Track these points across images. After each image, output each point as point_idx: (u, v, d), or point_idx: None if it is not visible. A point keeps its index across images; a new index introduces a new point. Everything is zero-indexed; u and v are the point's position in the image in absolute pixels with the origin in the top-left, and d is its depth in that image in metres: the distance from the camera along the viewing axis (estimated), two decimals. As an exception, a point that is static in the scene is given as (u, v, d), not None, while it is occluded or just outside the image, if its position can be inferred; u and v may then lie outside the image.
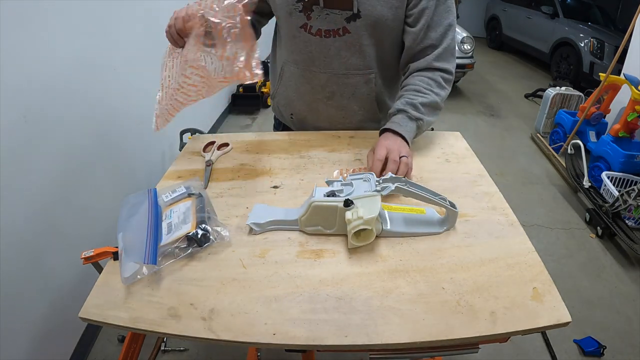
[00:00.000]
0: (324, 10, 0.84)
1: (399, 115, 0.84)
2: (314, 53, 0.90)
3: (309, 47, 0.89)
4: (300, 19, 0.86)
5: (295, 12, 0.86)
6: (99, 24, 1.45)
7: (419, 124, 0.84)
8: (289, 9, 0.86)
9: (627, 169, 2.26)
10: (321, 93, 0.95)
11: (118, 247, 0.61)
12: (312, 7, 0.84)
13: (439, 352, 0.56)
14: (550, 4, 5.05)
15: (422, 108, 0.84)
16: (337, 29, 0.86)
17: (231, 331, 0.50)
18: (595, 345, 1.43)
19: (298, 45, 0.90)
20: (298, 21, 0.87)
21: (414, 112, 0.83)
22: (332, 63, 0.90)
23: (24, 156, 1.09)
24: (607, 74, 2.46)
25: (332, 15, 0.85)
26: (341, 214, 0.62)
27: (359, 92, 0.94)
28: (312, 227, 0.66)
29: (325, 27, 0.86)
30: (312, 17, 0.86)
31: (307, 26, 0.87)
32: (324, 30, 0.87)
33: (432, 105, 0.86)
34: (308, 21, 0.86)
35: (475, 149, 0.93)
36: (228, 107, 3.41)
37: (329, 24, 0.86)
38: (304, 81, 0.94)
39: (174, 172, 0.85)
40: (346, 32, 0.86)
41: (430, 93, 0.85)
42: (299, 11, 0.85)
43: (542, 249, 1.98)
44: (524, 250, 0.62)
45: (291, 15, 0.86)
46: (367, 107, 0.98)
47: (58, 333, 1.26)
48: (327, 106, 0.97)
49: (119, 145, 1.62)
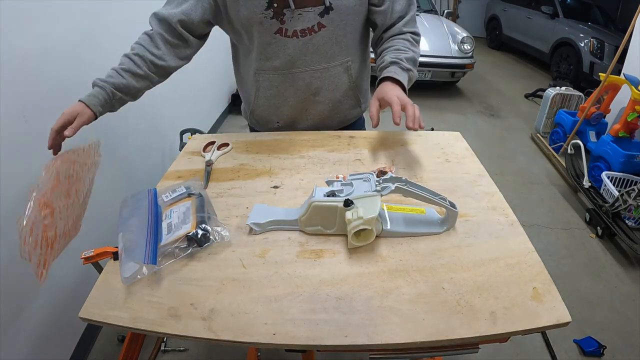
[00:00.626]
0: (296, 11, 0.85)
1: (392, 66, 0.88)
2: (293, 55, 0.90)
3: (287, 50, 0.89)
4: (273, 25, 0.86)
5: (267, 20, 0.85)
6: (99, 24, 1.45)
7: (410, 75, 0.90)
8: (258, 19, 0.85)
9: (627, 169, 2.26)
10: (307, 92, 0.95)
11: (118, 247, 0.61)
12: (283, 10, 0.84)
13: (439, 352, 0.56)
14: (550, 4, 5.05)
15: (407, 62, 0.90)
16: (312, 26, 0.87)
17: (231, 331, 0.50)
18: (595, 345, 1.43)
19: (275, 51, 0.90)
20: (272, 27, 0.86)
21: (404, 64, 0.88)
22: (313, 60, 0.91)
23: (24, 156, 1.09)
24: (607, 74, 2.45)
25: (305, 14, 0.86)
26: (341, 214, 0.62)
27: (340, 81, 0.96)
28: (312, 227, 0.65)
29: (301, 26, 0.87)
30: (286, 20, 0.86)
31: (282, 30, 0.87)
32: (300, 30, 0.87)
33: (413, 60, 0.91)
34: (282, 25, 0.86)
35: (475, 149, 0.93)
36: (228, 107, 3.41)
37: (304, 23, 0.87)
38: (287, 85, 0.94)
39: (174, 172, 0.85)
40: (322, 27, 0.88)
41: (408, 50, 0.92)
42: (271, 18, 0.85)
43: (542, 249, 1.97)
44: (524, 250, 0.62)
45: (262, 24, 0.86)
46: (349, 93, 1.00)
47: (58, 333, 1.26)
48: (315, 103, 0.98)
49: (119, 145, 1.62)
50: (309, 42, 0.89)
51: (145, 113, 1.82)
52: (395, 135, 0.98)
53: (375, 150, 0.92)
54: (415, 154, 0.91)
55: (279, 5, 0.84)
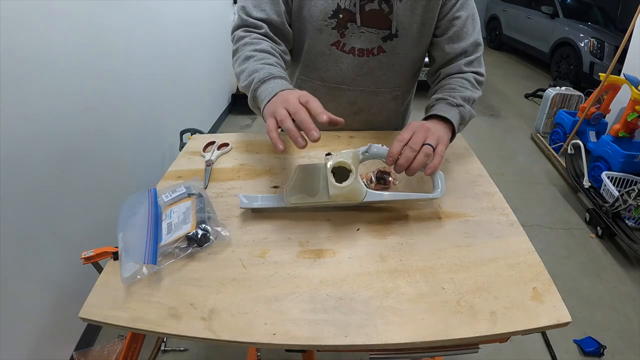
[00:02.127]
0: (360, 29, 0.81)
1: (438, 104, 0.77)
2: (345, 71, 0.86)
3: (340, 65, 0.86)
4: (332, 36, 0.82)
5: (327, 29, 0.81)
6: (99, 24, 1.45)
7: (461, 111, 0.77)
8: (318, 25, 0.81)
9: (627, 169, 2.26)
10: (349, 109, 0.93)
11: (118, 247, 0.61)
12: (347, 24, 0.80)
13: (439, 352, 0.56)
14: (550, 4, 5.05)
15: (460, 99, 0.78)
16: (372, 48, 0.83)
17: (231, 331, 0.50)
18: (595, 345, 1.43)
19: (327, 62, 0.86)
20: (330, 38, 0.82)
21: (454, 100, 0.77)
22: (364, 81, 0.88)
23: (24, 156, 1.09)
24: (607, 74, 2.46)
25: (368, 34, 0.82)
26: (324, 173, 0.62)
27: (386, 107, 0.93)
28: (296, 196, 0.66)
29: (360, 45, 0.83)
30: (347, 35, 0.82)
31: (339, 44, 0.83)
32: (358, 49, 0.83)
33: (469, 99, 0.80)
34: (342, 39, 0.82)
35: (475, 149, 0.93)
36: (228, 107, 3.41)
37: (364, 43, 0.83)
38: (330, 98, 0.90)
39: (174, 172, 0.85)
40: (381, 52, 0.84)
41: (465, 90, 0.81)
42: (332, 28, 0.81)
43: (542, 249, 1.97)
44: (524, 250, 0.62)
45: (321, 32, 0.82)
46: (393, 120, 0.98)
47: (58, 333, 1.26)
48: (353, 121, 0.95)
49: (119, 145, 1.62)
50: (364, 64, 0.85)
51: (145, 113, 1.82)
52: (395, 135, 0.98)
53: (375, 150, 0.92)
54: (415, 154, 0.90)
55: (344, 17, 0.79)
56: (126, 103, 1.66)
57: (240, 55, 0.75)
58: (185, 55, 2.41)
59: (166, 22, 2.12)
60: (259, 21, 0.78)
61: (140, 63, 1.79)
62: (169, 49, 2.16)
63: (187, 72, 2.44)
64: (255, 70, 0.69)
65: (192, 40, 2.53)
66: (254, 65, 0.70)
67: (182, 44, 2.35)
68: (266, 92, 0.65)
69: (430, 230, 0.67)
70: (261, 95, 0.66)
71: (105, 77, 1.50)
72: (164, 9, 2.08)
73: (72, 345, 1.33)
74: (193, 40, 2.55)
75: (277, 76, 0.68)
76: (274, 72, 0.68)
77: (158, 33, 2.01)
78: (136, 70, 1.74)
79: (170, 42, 2.17)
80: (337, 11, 0.79)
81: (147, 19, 1.87)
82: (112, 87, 1.55)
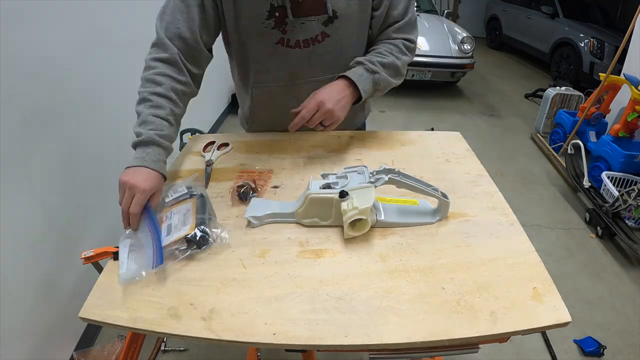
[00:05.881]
0: (299, 20, 0.81)
1: (356, 67, 0.84)
2: (296, 65, 0.87)
3: (290, 60, 0.86)
4: (274, 36, 0.83)
5: (268, 30, 0.81)
6: (100, 24, 1.45)
7: (375, 78, 0.84)
8: (258, 29, 0.81)
9: (627, 169, 2.26)
10: None
11: (118, 247, 0.61)
12: (285, 20, 0.81)
13: (439, 352, 0.56)
14: (550, 4, 5.05)
15: (379, 65, 0.84)
16: (316, 36, 0.84)
17: (231, 331, 0.50)
18: (595, 345, 1.43)
19: (276, 62, 0.86)
20: (273, 38, 0.83)
21: (371, 66, 0.83)
22: (316, 71, 0.88)
23: (24, 156, 1.09)
24: (607, 74, 2.46)
25: (308, 23, 0.82)
26: (337, 205, 0.63)
27: None
28: (308, 219, 0.67)
29: (303, 36, 0.83)
30: (288, 30, 0.82)
31: (284, 40, 0.83)
32: (303, 40, 0.84)
33: (391, 65, 0.86)
34: (284, 35, 0.83)
35: (475, 149, 0.93)
36: (228, 107, 3.41)
37: (307, 33, 0.83)
38: (290, 97, 0.90)
39: (174, 172, 0.85)
40: (325, 37, 0.84)
41: (389, 55, 0.86)
42: (272, 28, 0.82)
43: (542, 249, 1.97)
44: (524, 250, 0.62)
45: (263, 35, 0.82)
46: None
47: (58, 333, 1.26)
48: None
49: (120, 145, 1.62)
50: (312, 53, 0.85)
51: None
52: (396, 135, 0.98)
53: (375, 150, 0.92)
54: (415, 154, 0.91)
55: (280, 14, 0.80)
56: (127, 103, 1.66)
57: (141, 92, 0.76)
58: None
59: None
60: (171, 42, 0.78)
61: (141, 63, 1.79)
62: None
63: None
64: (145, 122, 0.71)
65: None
66: (146, 116, 0.71)
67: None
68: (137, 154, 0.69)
69: (430, 230, 0.67)
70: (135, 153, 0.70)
71: (106, 76, 1.50)
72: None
73: (72, 345, 1.33)
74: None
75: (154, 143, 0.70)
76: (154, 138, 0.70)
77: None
78: (136, 70, 1.74)
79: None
80: (272, 10, 0.80)
81: (147, 19, 1.87)
82: (113, 87, 1.55)
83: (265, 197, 0.75)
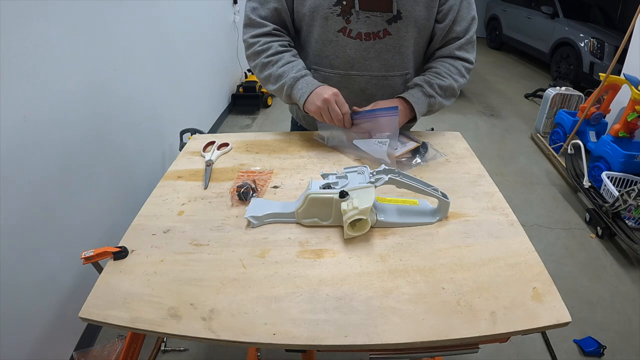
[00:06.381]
0: (364, 13, 0.83)
1: (414, 89, 0.89)
2: (353, 56, 0.88)
3: (348, 50, 0.88)
4: (338, 23, 0.85)
5: (333, 16, 0.84)
6: (100, 24, 1.45)
7: (431, 102, 0.89)
8: (324, 14, 0.84)
9: (627, 169, 2.26)
10: (360, 96, 0.93)
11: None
12: (351, 10, 0.83)
13: (439, 352, 0.56)
14: (550, 4, 5.04)
15: (437, 89, 0.89)
16: (378, 32, 0.85)
17: (231, 331, 0.50)
18: (595, 345, 1.43)
19: (335, 49, 0.88)
20: (336, 25, 0.85)
21: (429, 89, 0.88)
22: (372, 65, 0.89)
23: (23, 156, 1.09)
24: (607, 74, 2.45)
25: (373, 18, 0.84)
26: (337, 205, 0.64)
27: (397, 93, 0.93)
28: (308, 219, 0.67)
29: (366, 29, 0.85)
30: (352, 21, 0.84)
31: (346, 30, 0.85)
32: (364, 33, 0.85)
33: (448, 89, 0.90)
34: (347, 24, 0.85)
35: (475, 149, 0.93)
36: (228, 107, 3.41)
37: (369, 27, 0.85)
38: (342, 86, 0.90)
39: (174, 172, 0.85)
40: (387, 35, 0.86)
41: (448, 77, 0.89)
42: (337, 15, 0.83)
43: (542, 249, 1.97)
44: (524, 250, 0.62)
45: (327, 20, 0.84)
46: None
47: (58, 333, 1.26)
48: None
49: (119, 145, 1.62)
50: (371, 47, 0.87)
51: (145, 113, 1.82)
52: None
53: (375, 150, 0.92)
54: (415, 154, 0.91)
55: (347, 3, 0.82)
56: (126, 103, 1.66)
57: (258, 62, 0.88)
58: (186, 55, 2.41)
59: (166, 22, 2.12)
60: (263, 20, 0.87)
61: (141, 63, 1.79)
62: (169, 49, 2.16)
63: (187, 72, 2.44)
64: (281, 75, 0.86)
65: (192, 40, 2.53)
66: (277, 71, 0.86)
67: (182, 43, 2.35)
68: (300, 92, 0.85)
69: (430, 230, 0.67)
70: (297, 95, 0.85)
71: (106, 77, 1.50)
72: (164, 9, 2.08)
73: (72, 345, 1.33)
74: (193, 40, 2.55)
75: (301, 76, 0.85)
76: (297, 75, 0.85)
77: (158, 33, 2.01)
78: (136, 70, 1.74)
79: (170, 42, 2.17)
80: None
81: (147, 19, 1.87)
82: (113, 87, 1.55)
83: (265, 197, 0.75)
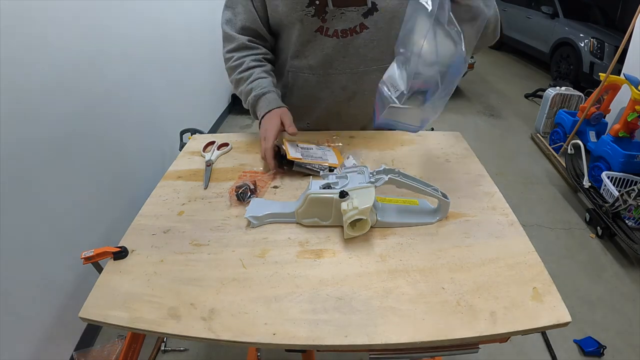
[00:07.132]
0: (339, 10, 0.83)
1: None
2: (332, 55, 0.88)
3: (326, 49, 0.87)
4: (314, 23, 0.84)
5: (308, 17, 0.83)
6: (100, 23, 1.45)
7: None
8: (298, 16, 0.83)
9: (627, 169, 2.26)
10: (342, 95, 0.93)
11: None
12: (325, 8, 0.82)
13: (439, 352, 0.56)
14: (550, 4, 5.04)
15: None
16: (354, 27, 0.85)
17: (231, 331, 0.50)
18: (595, 345, 1.43)
19: (313, 50, 0.88)
20: (312, 26, 0.84)
21: None
22: (351, 62, 0.89)
23: (23, 156, 1.09)
24: (607, 74, 2.45)
25: (348, 14, 0.83)
26: (337, 205, 0.63)
27: None
28: (308, 219, 0.67)
29: (342, 26, 0.84)
30: (327, 19, 0.84)
31: (323, 29, 0.85)
32: (341, 30, 0.85)
33: None
34: (323, 24, 0.84)
35: (475, 149, 0.93)
36: (228, 107, 3.41)
37: (346, 23, 0.84)
38: (323, 86, 0.91)
39: (174, 172, 0.85)
40: (364, 29, 0.85)
41: None
42: (312, 15, 0.83)
43: (542, 249, 1.97)
44: (524, 250, 0.62)
45: (303, 22, 0.84)
46: None
47: (58, 333, 1.26)
48: (349, 107, 0.96)
49: (119, 145, 1.62)
50: (349, 43, 0.86)
51: (145, 113, 1.82)
52: (395, 135, 0.98)
53: (376, 150, 0.92)
54: (415, 154, 0.91)
55: (320, 2, 0.82)
56: (126, 103, 1.66)
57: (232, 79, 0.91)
58: (185, 55, 2.41)
59: (166, 22, 2.12)
60: (237, 33, 0.89)
61: (141, 63, 1.79)
62: (169, 49, 2.16)
63: (187, 72, 2.44)
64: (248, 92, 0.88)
65: (192, 41, 2.53)
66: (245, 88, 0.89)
67: (182, 44, 2.35)
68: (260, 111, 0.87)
69: (430, 230, 0.67)
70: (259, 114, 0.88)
71: (106, 77, 1.50)
72: (164, 9, 2.08)
73: (72, 345, 1.33)
74: (193, 41, 2.55)
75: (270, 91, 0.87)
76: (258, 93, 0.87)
77: (158, 33, 2.01)
78: (136, 70, 1.74)
79: (170, 42, 2.17)
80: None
81: (147, 20, 1.87)
82: (113, 87, 1.55)
83: (265, 197, 0.75)
